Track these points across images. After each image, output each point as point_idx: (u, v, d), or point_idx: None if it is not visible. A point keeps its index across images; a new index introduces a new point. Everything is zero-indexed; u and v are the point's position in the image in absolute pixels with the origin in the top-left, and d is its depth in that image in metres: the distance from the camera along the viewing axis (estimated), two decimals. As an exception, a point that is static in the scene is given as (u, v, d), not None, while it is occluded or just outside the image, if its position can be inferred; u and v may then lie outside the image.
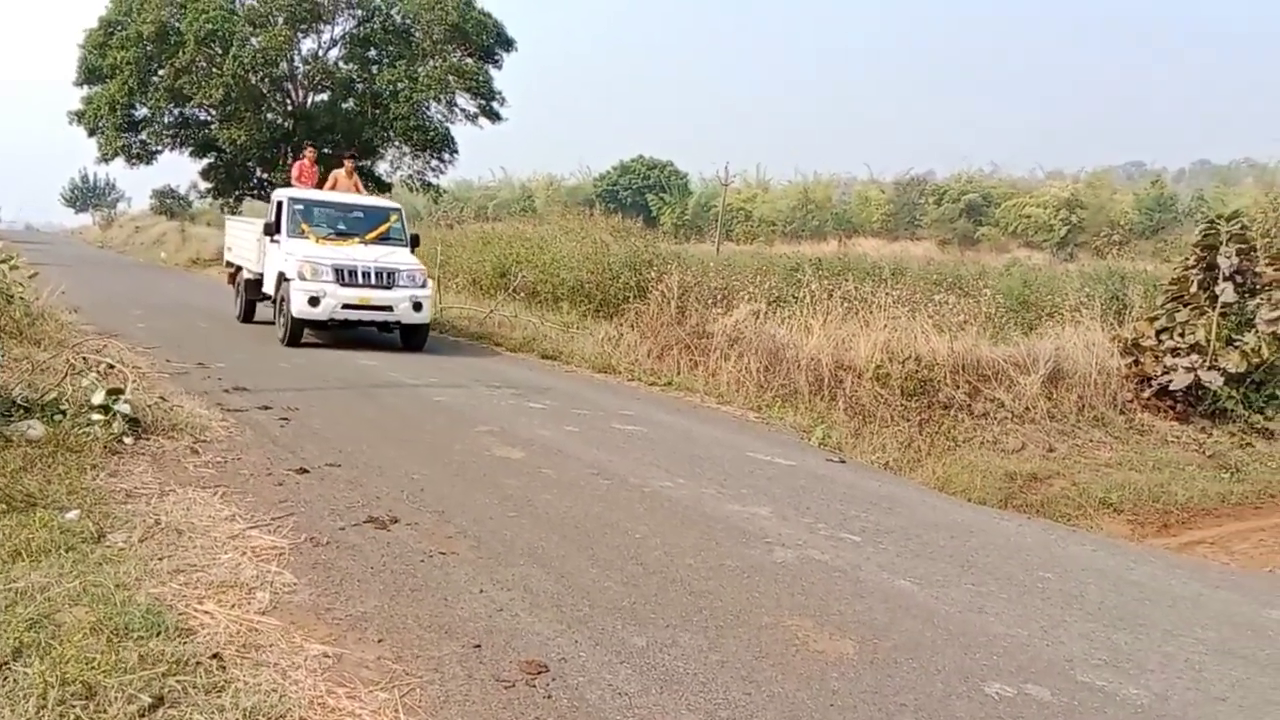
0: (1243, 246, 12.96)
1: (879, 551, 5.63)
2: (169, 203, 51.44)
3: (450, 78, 29.98)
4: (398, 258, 13.22)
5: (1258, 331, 12.45)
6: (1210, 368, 12.34)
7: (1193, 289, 13.27)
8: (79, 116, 30.81)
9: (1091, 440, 11.97)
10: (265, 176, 31.52)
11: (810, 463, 8.15)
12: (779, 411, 10.20)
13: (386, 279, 12.76)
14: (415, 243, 14.23)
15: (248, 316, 15.46)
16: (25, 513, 4.69)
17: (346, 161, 16.05)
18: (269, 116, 30.17)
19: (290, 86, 30.49)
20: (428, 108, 30.80)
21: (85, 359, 7.90)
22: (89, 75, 30.58)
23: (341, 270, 12.56)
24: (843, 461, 8.49)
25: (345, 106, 30.95)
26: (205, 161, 31.98)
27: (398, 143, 31.81)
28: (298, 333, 12.68)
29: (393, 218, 14.09)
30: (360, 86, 30.77)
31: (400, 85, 29.70)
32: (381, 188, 33.82)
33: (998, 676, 4.03)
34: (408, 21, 30.55)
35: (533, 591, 4.60)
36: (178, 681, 3.27)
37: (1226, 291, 12.72)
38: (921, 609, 4.75)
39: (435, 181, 33.25)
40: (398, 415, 8.68)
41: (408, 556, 4.95)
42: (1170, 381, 12.53)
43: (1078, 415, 12.44)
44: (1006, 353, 12.78)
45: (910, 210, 53.13)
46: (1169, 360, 12.68)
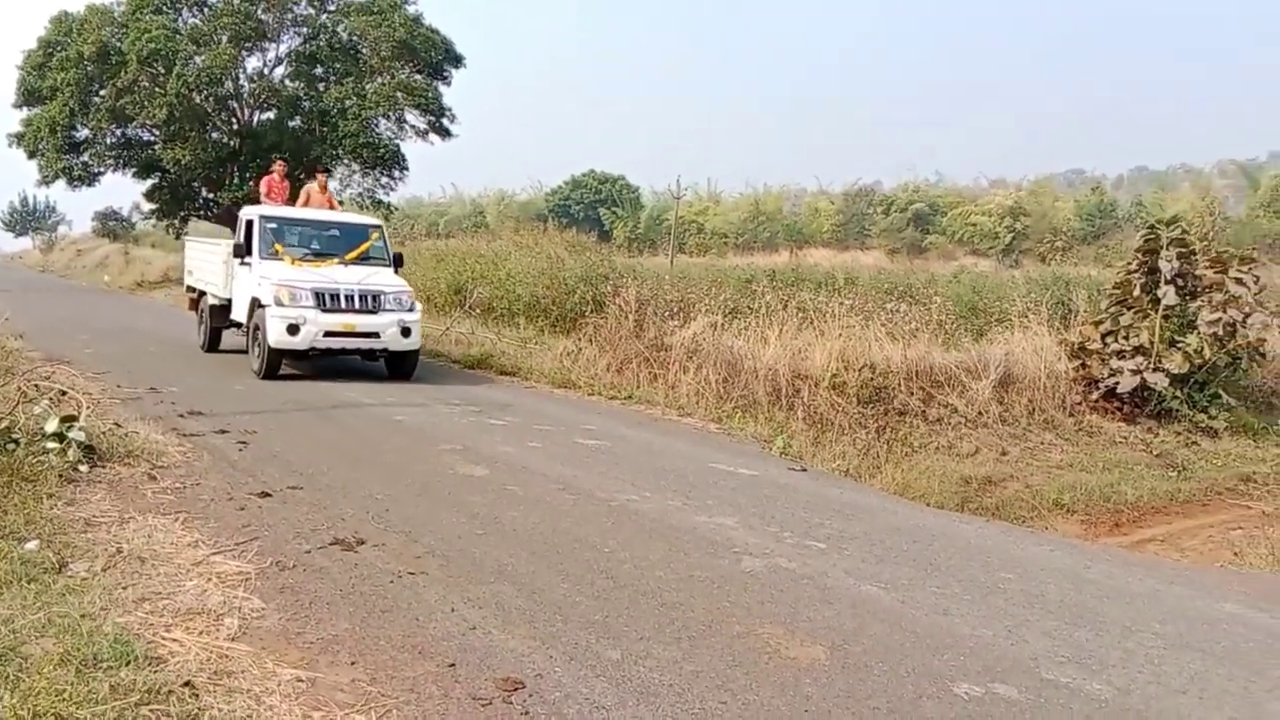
0: (1183, 250, 13.34)
1: (844, 558, 5.71)
2: (111, 225, 50.39)
3: (399, 94, 29.75)
4: (382, 279, 12.18)
5: (1199, 333, 12.82)
6: (1155, 369, 12.67)
7: (1135, 293, 13.63)
8: (18, 139, 30.12)
9: (1043, 443, 12.22)
10: (211, 196, 31.07)
11: (772, 472, 8.24)
12: (739, 422, 10.29)
13: (371, 303, 11.73)
14: (399, 262, 13.15)
15: (213, 345, 14.28)
16: (-18, 545, 4.59)
17: (319, 175, 15.01)
18: (214, 136, 29.73)
19: (235, 105, 30.08)
20: (377, 125, 30.52)
21: (37, 386, 7.74)
22: (28, 97, 29.90)
23: (322, 294, 11.49)
24: (804, 470, 8.59)
25: (292, 124, 30.60)
26: (149, 182, 31.40)
27: (347, 160, 31.49)
28: (275, 364, 11.58)
29: (374, 235, 13.09)
30: (307, 104, 30.45)
31: (348, 102, 29.43)
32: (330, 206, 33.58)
33: (966, 677, 4.12)
34: (355, 38, 30.32)
35: (505, 609, 4.61)
36: (151, 711, 3.23)
37: (1168, 294, 13.08)
38: (889, 613, 4.83)
39: (386, 199, 32.98)
40: (358, 436, 8.62)
41: (376, 578, 4.93)
42: (1117, 384, 12.84)
43: (1029, 419, 12.70)
44: (958, 359, 13.01)
45: (859, 220, 53.81)
46: (1115, 363, 13.00)
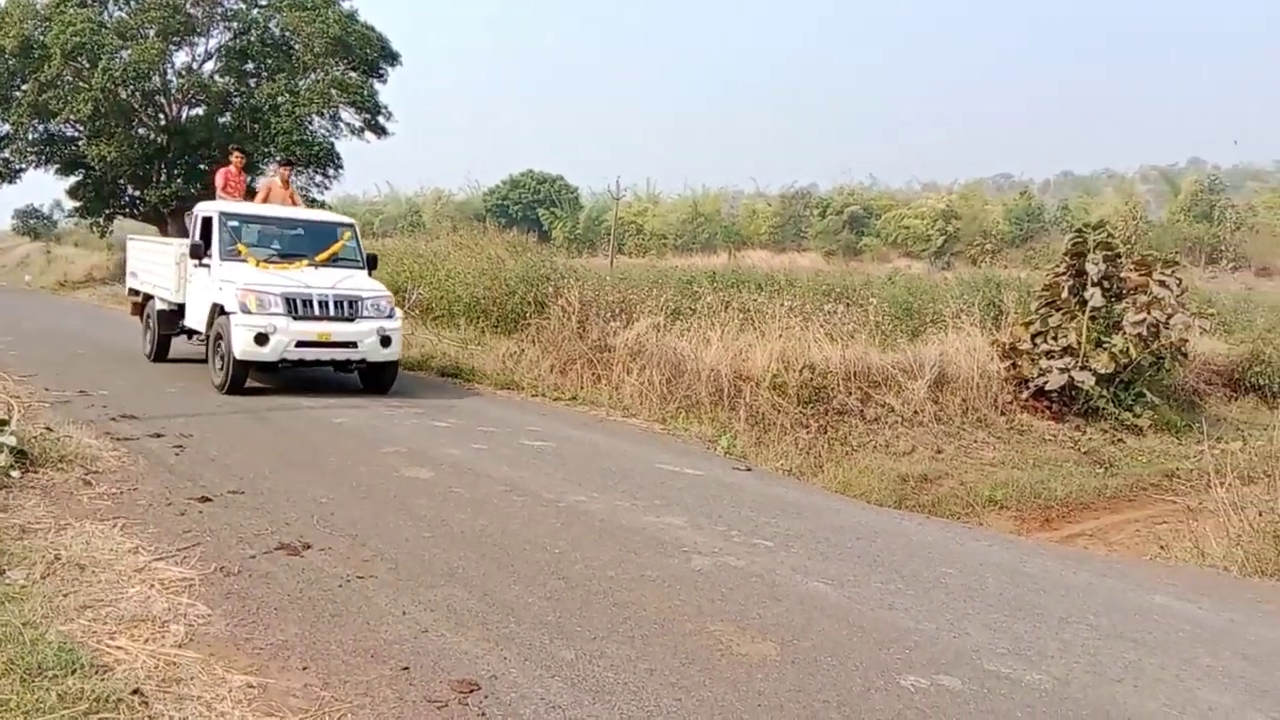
0: (1109, 253, 13.79)
1: (791, 555, 5.80)
2: (32, 223, 48.77)
3: (333, 91, 29.36)
4: (358, 282, 11.13)
5: (1125, 333, 13.25)
6: (1082, 369, 13.07)
7: (1064, 294, 14.04)
8: (-65, 134, 29.04)
9: (976, 441, 12.52)
10: (138, 194, 30.30)
11: (718, 472, 8.32)
12: (683, 422, 10.37)
13: (348, 309, 10.69)
14: (373, 264, 12.03)
15: (160, 354, 12.98)
16: (-89, 554, 4.44)
17: (281, 169, 13.69)
18: (141, 132, 29.01)
19: (163, 101, 29.37)
20: (310, 122, 30.07)
21: (-39, 390, 7.49)
22: (-54, 91, 28.83)
23: (293, 300, 10.43)
24: (749, 469, 8.69)
25: (223, 121, 30.01)
26: (72, 180, 30.51)
27: (279, 158, 30.97)
28: (240, 378, 10.47)
29: (345, 235, 11.93)
30: (238, 100, 29.88)
31: (281, 99, 28.93)
32: (263, 205, 32.95)
33: (911, 669, 4.22)
34: (287, 34, 29.82)
35: (457, 611, 4.59)
36: (101, 719, 3.16)
37: (1095, 296, 13.50)
38: (836, 609, 4.93)
39: (320, 197, 32.48)
40: (298, 438, 8.49)
41: (324, 582, 4.87)
42: (1046, 383, 13.21)
43: (962, 417, 13.00)
44: (894, 359, 13.27)
45: (796, 222, 54.49)
46: (1044, 363, 13.37)
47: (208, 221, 11.58)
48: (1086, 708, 3.94)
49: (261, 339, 10.18)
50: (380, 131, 30.91)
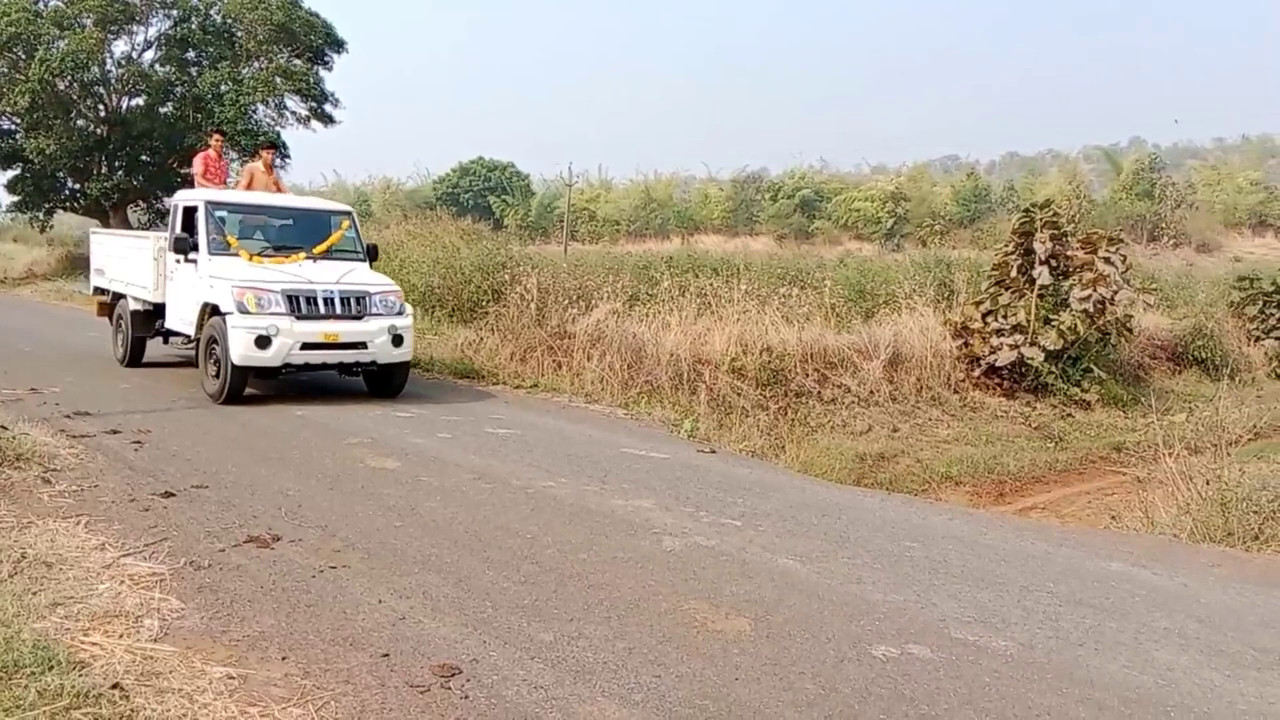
0: (1056, 232, 14.09)
1: (759, 534, 5.90)
2: (-34, 218, 47.35)
3: (278, 79, 28.90)
4: (362, 276, 10.24)
5: (1072, 310, 13.57)
6: (1031, 345, 13.36)
7: (1013, 273, 14.33)
8: None
9: (930, 419, 12.76)
10: (78, 187, 29.59)
11: (683, 454, 8.40)
12: (646, 407, 10.43)
13: (355, 306, 9.79)
14: (373, 256, 11.10)
15: (135, 358, 11.95)
16: None
17: (264, 153, 12.41)
18: (80, 124, 28.35)
19: (103, 91, 28.68)
20: (254, 110, 29.55)
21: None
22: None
23: (296, 298, 9.49)
24: (713, 452, 8.78)
25: (164, 111, 29.39)
26: (10, 173, 29.72)
27: (261, 140, 30.43)
28: (239, 386, 9.51)
29: (343, 224, 10.91)
30: (180, 90, 29.27)
31: (224, 88, 28.41)
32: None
33: (882, 640, 4.34)
34: (229, 21, 29.29)
35: (432, 598, 4.62)
36: (83, 714, 3.16)
37: (1043, 274, 13.79)
38: (806, 584, 5.03)
39: (267, 188, 31.95)
40: (260, 432, 8.41)
41: (297, 573, 4.87)
42: (997, 360, 13.49)
43: (917, 396, 13.23)
44: (850, 341, 13.45)
45: (748, 207, 54.76)
46: (995, 341, 13.64)
47: (191, 212, 10.52)
48: (1051, 671, 4.08)
49: (263, 342, 9.23)
50: (327, 120, 30.50)
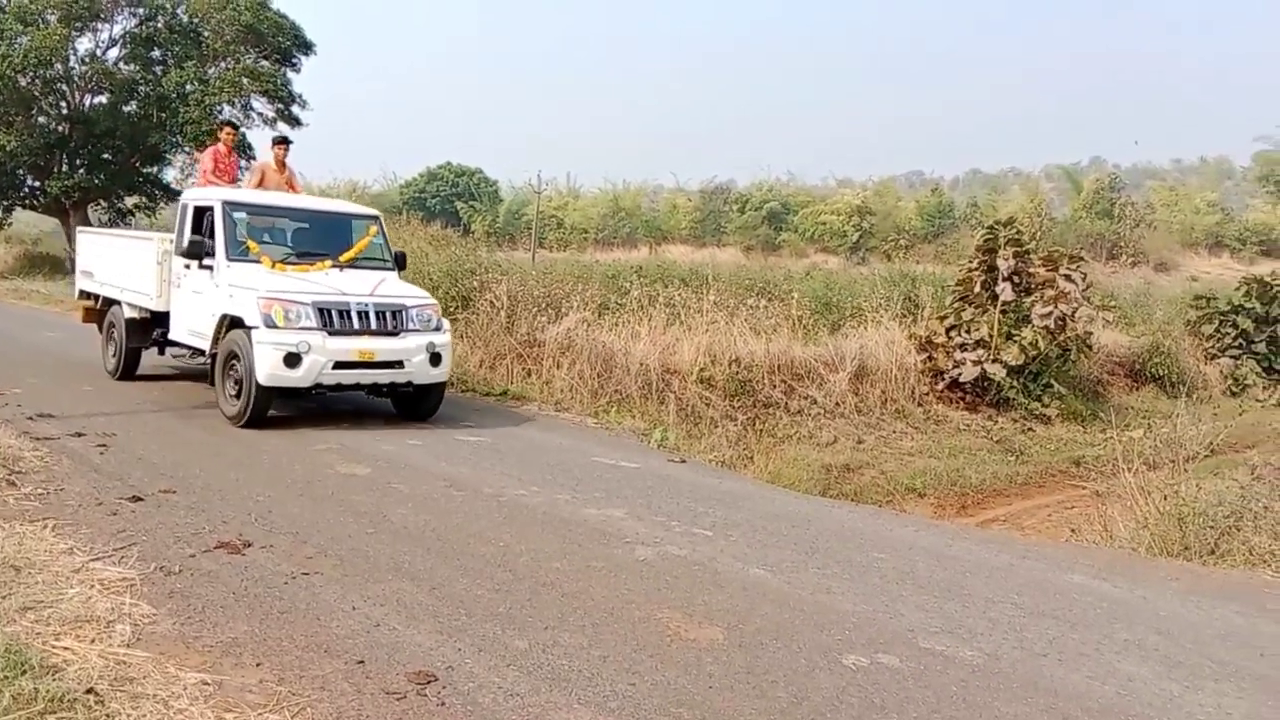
0: (1018, 249, 14.36)
1: (731, 544, 5.96)
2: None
3: (244, 80, 28.59)
4: (396, 288, 9.48)
5: (1033, 326, 13.83)
6: (994, 361, 13.59)
7: (976, 289, 14.57)
8: None
9: (895, 431, 12.93)
10: (38, 185, 29.08)
11: (653, 464, 8.45)
12: (616, 416, 10.46)
13: (391, 321, 8.97)
14: (401, 264, 10.29)
15: (128, 370, 10.95)
16: None
17: (276, 148, 11.12)
18: (41, 121, 27.86)
19: (65, 88, 28.22)
20: (220, 111, 29.22)
21: None
22: None
23: (328, 311, 8.66)
24: (683, 461, 8.84)
25: (128, 110, 28.99)
26: (-33, 171, 29.11)
27: (188, 148, 30.07)
28: (263, 408, 8.64)
29: (371, 229, 10.07)
30: (144, 89, 28.88)
31: (189, 87, 28.08)
32: (171, 195, 31.94)
33: (852, 649, 4.41)
34: (195, 21, 28.94)
35: (407, 605, 4.62)
36: (58, 719, 3.13)
37: (1005, 291, 14.04)
38: (777, 594, 5.10)
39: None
40: (227, 436, 8.34)
41: (269, 580, 4.85)
42: (960, 374, 13.71)
43: (882, 408, 13.41)
44: (816, 353, 13.61)
45: (716, 217, 54.94)
46: (958, 355, 13.87)
47: (202, 213, 9.63)
48: (1016, 681, 4.17)
49: (292, 360, 8.39)
50: (294, 122, 30.21)
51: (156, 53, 29.29)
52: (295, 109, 29.93)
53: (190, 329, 9.77)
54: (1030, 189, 53.34)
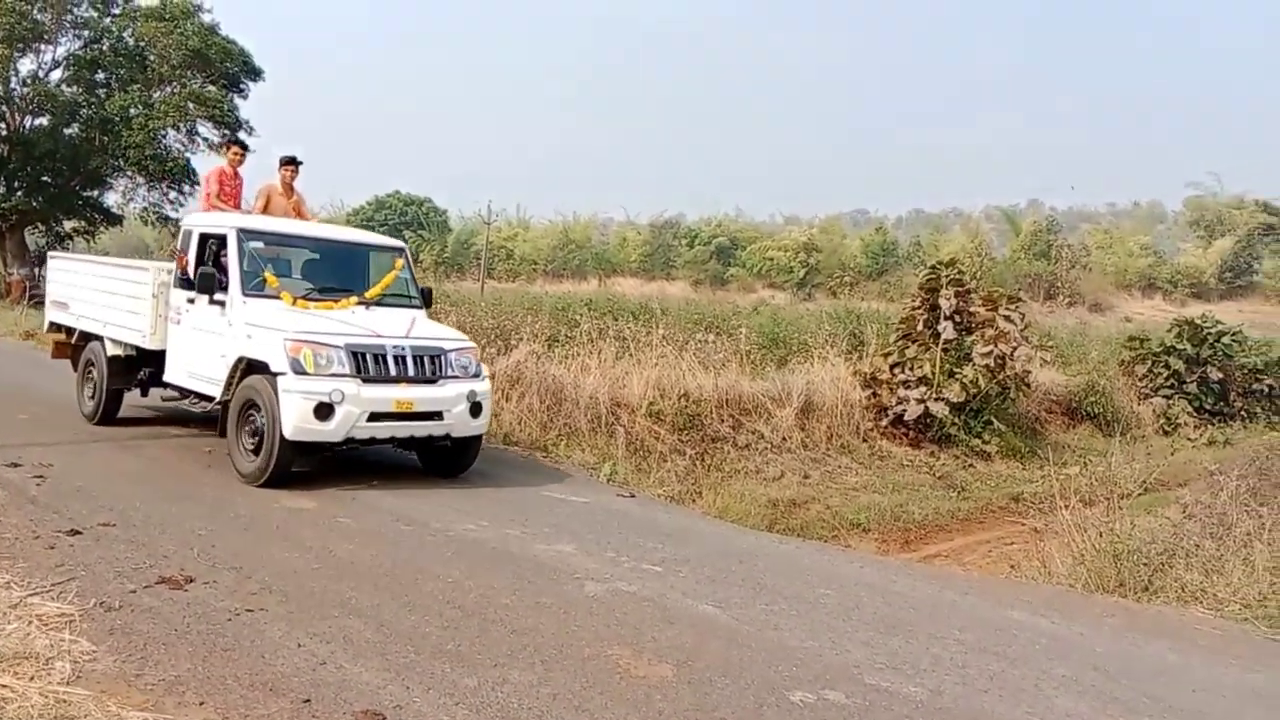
0: (960, 289, 14.71)
1: (680, 580, 6.00)
2: None
3: (190, 105, 28.31)
4: (431, 329, 8.63)
5: (974, 364, 14.14)
6: (936, 398, 13.85)
7: (919, 327, 14.89)
8: None
9: (840, 466, 13.10)
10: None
11: (603, 499, 8.47)
12: (565, 450, 10.47)
13: (429, 367, 8.07)
14: (428, 301, 9.44)
15: (109, 414, 9.80)
16: None
17: (283, 170, 9.84)
18: (-21, 141, 27.27)
19: (5, 109, 27.67)
20: (165, 135, 28.88)
21: None
22: None
23: (362, 355, 7.74)
24: (632, 496, 8.87)
25: (69, 132, 28.47)
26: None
27: (130, 172, 29.64)
28: (287, 464, 7.62)
29: (397, 263, 9.17)
30: (87, 111, 28.42)
31: (134, 111, 27.71)
32: (112, 220, 31.35)
33: (799, 685, 4.46)
34: (142, 45, 28.62)
35: (354, 642, 4.58)
36: (-4, 764, 3.05)
37: (948, 329, 14.36)
38: (725, 630, 5.14)
39: (174, 214, 31.19)
40: (168, 468, 8.19)
41: (212, 616, 4.77)
42: (904, 411, 13.94)
43: (827, 444, 13.57)
44: (764, 388, 13.74)
45: (665, 251, 55.47)
46: (902, 392, 14.11)
47: (208, 241, 8.68)
48: (958, 717, 4.26)
49: (324, 411, 7.41)
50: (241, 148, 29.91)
51: (100, 75, 28.90)
52: (241, 134, 29.67)
53: (191, 371, 8.68)
54: (971, 229, 54.67)
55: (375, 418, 7.69)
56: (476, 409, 8.19)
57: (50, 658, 4.03)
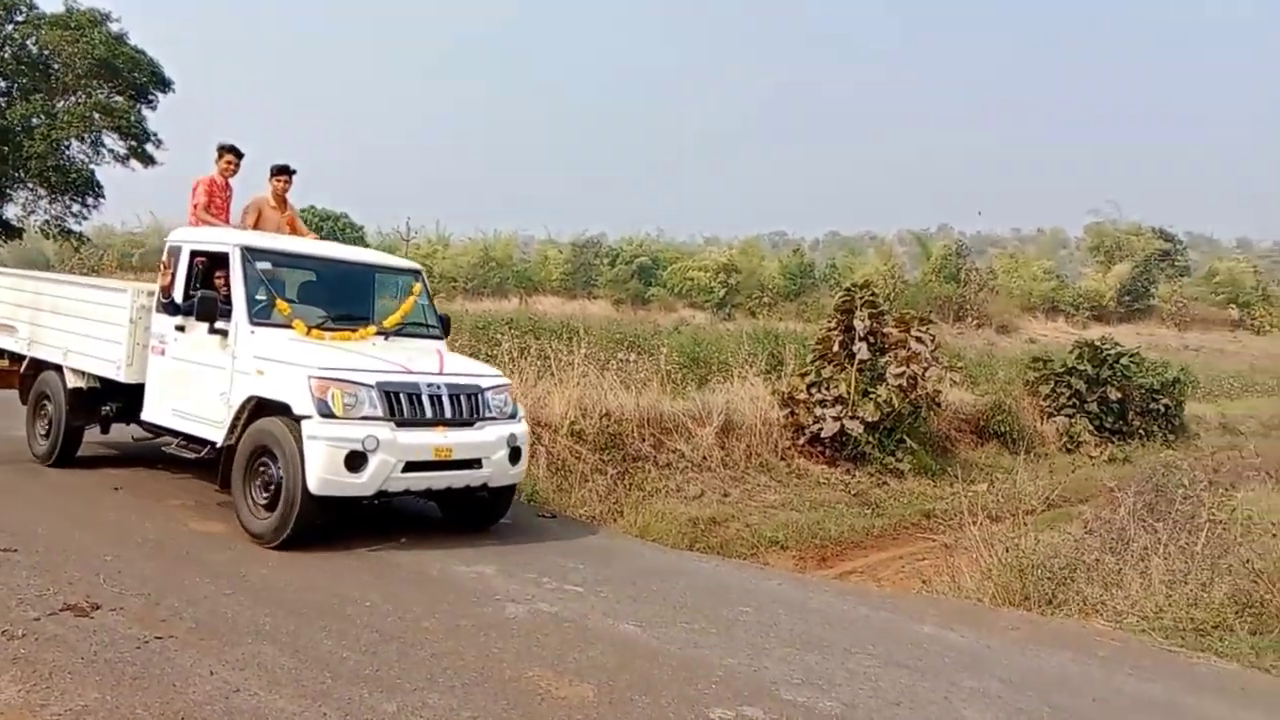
0: (874, 311, 15.06)
1: (601, 600, 6.03)
2: None
3: (96, 115, 27.48)
4: (461, 364, 7.77)
5: (888, 384, 14.47)
6: (852, 417, 14.14)
7: (835, 348, 15.19)
8: None
9: (759, 485, 13.27)
10: None
11: (524, 519, 8.44)
12: (485, 470, 10.39)
13: (466, 407, 7.20)
14: (447, 328, 8.64)
15: (66, 455, 8.66)
16: None
17: (275, 180, 8.84)
18: None
19: (-104, 116, 26.48)
20: (68, 146, 27.97)
21: None
22: None
23: (395, 394, 6.81)
24: (553, 516, 8.87)
25: (-34, 141, 27.35)
26: None
27: (31, 184, 28.59)
28: (309, 522, 6.58)
29: (416, 287, 8.32)
30: (-14, 120, 27.35)
31: (36, 121, 26.78)
32: (11, 233, 30.17)
33: (718, 702, 4.54)
34: (46, 53, 27.70)
35: (268, 669, 4.50)
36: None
37: (862, 350, 14.68)
38: (646, 649, 5.19)
39: (77, 228, 30.16)
40: (73, 493, 7.90)
41: (120, 644, 4.64)
42: (820, 430, 14.19)
43: (746, 462, 13.74)
44: (684, 407, 13.86)
45: (587, 270, 55.59)
46: (818, 411, 14.36)
47: (200, 260, 7.68)
48: (872, 729, 4.38)
49: (356, 460, 6.46)
50: (147, 160, 29.13)
51: (1, 84, 27.85)
52: (149, 147, 28.91)
53: (178, 410, 7.60)
54: (884, 252, 56.08)
55: (414, 468, 6.78)
56: (515, 455, 7.40)
57: (-54, 691, 3.87)
